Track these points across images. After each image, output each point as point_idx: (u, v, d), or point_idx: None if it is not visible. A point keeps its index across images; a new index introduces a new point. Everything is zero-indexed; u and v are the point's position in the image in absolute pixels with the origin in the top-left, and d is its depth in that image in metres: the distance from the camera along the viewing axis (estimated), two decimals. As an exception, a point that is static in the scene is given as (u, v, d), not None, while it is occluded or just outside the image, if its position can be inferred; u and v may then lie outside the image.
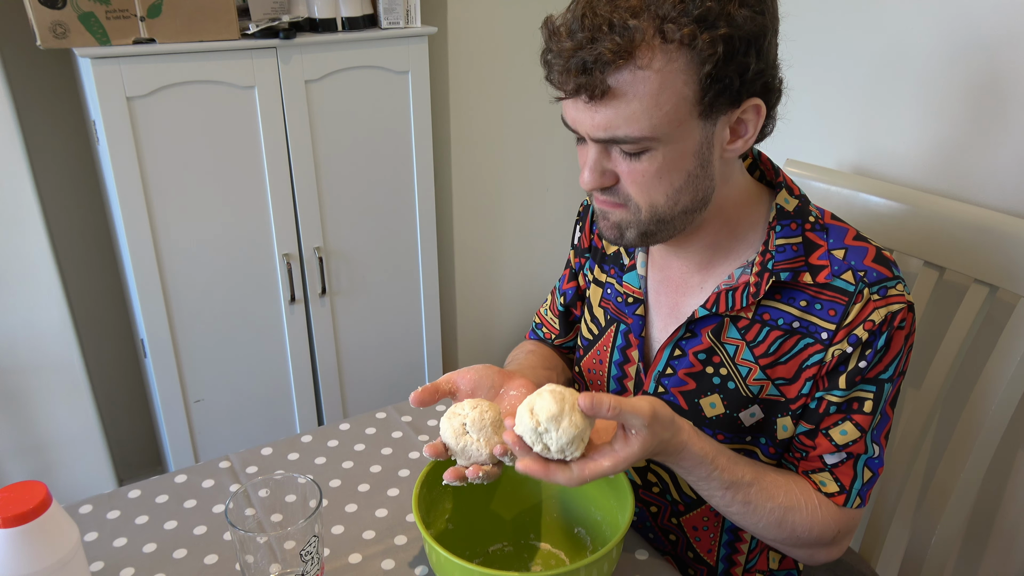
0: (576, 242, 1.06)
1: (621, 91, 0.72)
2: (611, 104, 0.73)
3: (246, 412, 1.79)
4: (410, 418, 1.16)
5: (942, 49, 1.23)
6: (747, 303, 0.83)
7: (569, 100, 0.76)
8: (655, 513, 0.98)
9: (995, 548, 1.27)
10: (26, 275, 1.56)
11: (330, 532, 0.93)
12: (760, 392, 0.85)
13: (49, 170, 1.78)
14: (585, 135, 0.77)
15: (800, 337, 0.83)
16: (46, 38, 1.37)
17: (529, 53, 2.03)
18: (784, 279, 0.82)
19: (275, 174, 1.63)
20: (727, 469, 0.79)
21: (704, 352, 0.87)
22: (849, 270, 0.81)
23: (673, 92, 0.72)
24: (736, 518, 0.83)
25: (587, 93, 0.73)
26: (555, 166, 2.20)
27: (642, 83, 0.71)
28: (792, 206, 0.85)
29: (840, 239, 0.83)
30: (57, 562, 0.67)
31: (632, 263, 0.95)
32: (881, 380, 0.82)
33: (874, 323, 0.79)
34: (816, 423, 0.83)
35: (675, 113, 0.73)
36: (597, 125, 0.75)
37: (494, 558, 0.92)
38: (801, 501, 0.83)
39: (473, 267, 2.20)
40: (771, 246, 0.83)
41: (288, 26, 1.54)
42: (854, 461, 0.83)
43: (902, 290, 0.81)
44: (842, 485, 0.83)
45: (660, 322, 0.92)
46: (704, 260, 0.88)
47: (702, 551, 0.96)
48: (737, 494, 0.80)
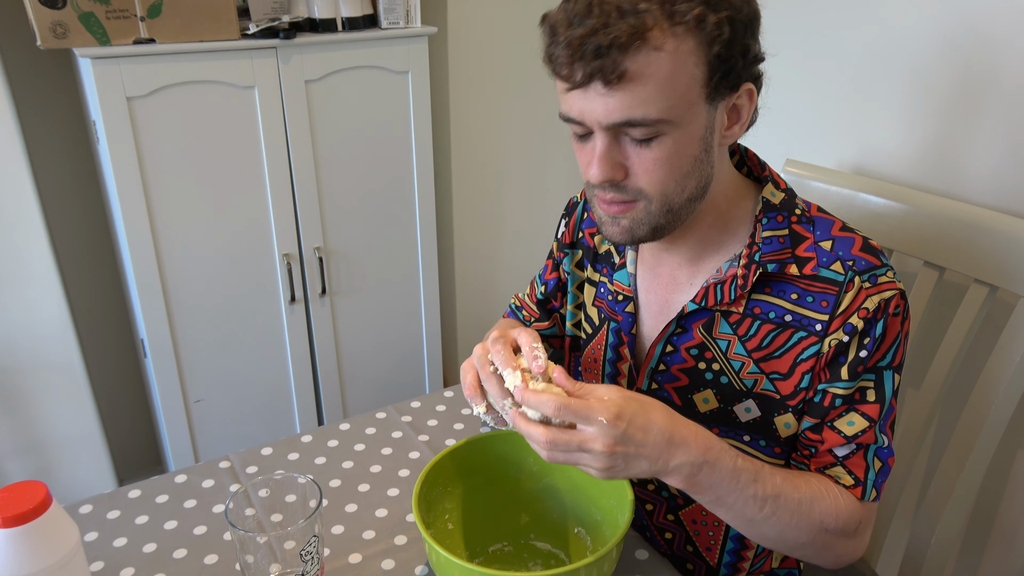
0: (559, 236, 1.05)
1: (637, 73, 0.72)
2: (627, 88, 0.72)
3: (246, 412, 1.79)
4: (410, 418, 1.16)
5: (942, 49, 1.23)
6: (736, 296, 0.83)
7: (577, 91, 0.75)
8: (651, 511, 0.98)
9: (995, 548, 1.27)
10: (26, 275, 1.56)
11: (330, 532, 0.93)
12: (754, 386, 0.85)
13: (49, 170, 1.78)
14: (595, 124, 0.76)
15: (794, 331, 0.83)
16: (46, 38, 1.37)
17: (529, 53, 2.03)
18: (771, 270, 0.82)
19: (275, 174, 1.63)
20: (751, 471, 0.76)
21: (696, 347, 0.87)
22: (837, 260, 0.82)
23: (685, 73, 0.73)
24: (763, 526, 0.78)
25: (602, 78, 0.72)
26: (555, 166, 2.21)
27: (656, 65, 0.72)
28: (778, 199, 0.86)
29: (827, 231, 0.84)
30: (57, 562, 0.67)
31: (622, 261, 0.95)
32: (880, 368, 0.81)
33: (868, 311, 0.79)
34: (821, 417, 0.83)
35: (687, 95, 0.74)
36: (612, 110, 0.73)
37: (494, 558, 0.92)
38: (822, 490, 0.81)
39: (473, 267, 2.20)
40: (758, 238, 0.84)
41: (288, 26, 1.54)
42: (864, 451, 0.82)
43: (892, 276, 0.81)
44: (857, 477, 0.82)
45: (651, 319, 0.92)
46: (694, 256, 0.88)
47: (701, 546, 0.96)
48: (766, 488, 0.76)
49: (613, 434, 0.69)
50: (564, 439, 0.70)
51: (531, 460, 0.93)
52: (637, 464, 0.71)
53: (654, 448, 0.71)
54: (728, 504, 0.76)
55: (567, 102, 0.78)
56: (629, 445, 0.70)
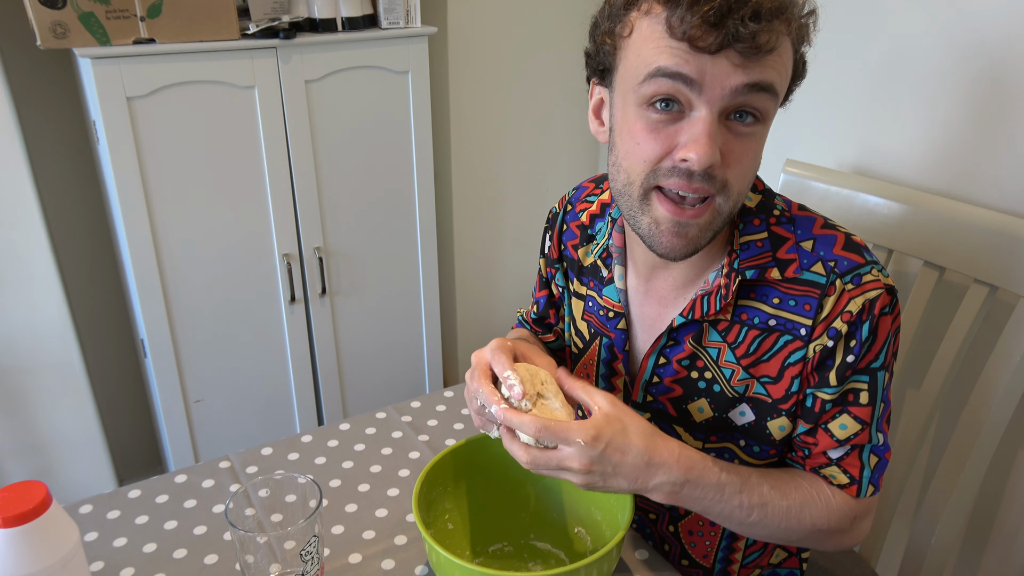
0: (547, 251, 1.03)
1: (779, 49, 0.70)
2: (763, 61, 0.69)
3: (246, 412, 1.79)
4: (410, 418, 1.16)
5: (942, 49, 1.23)
6: (721, 307, 0.81)
7: (702, 55, 0.67)
8: (654, 520, 0.98)
9: (995, 548, 1.27)
10: (26, 275, 1.56)
11: (330, 532, 0.93)
12: (746, 391, 0.84)
13: (49, 170, 1.78)
14: (716, 88, 0.68)
15: (779, 335, 0.81)
16: (46, 38, 1.37)
17: (529, 53, 2.03)
18: (750, 277, 0.80)
19: (275, 174, 1.63)
20: (736, 483, 0.77)
21: (687, 358, 0.85)
22: (819, 261, 0.79)
23: (789, 67, 0.73)
24: (755, 529, 0.80)
25: (752, 45, 0.67)
26: (555, 166, 2.21)
27: (784, 49, 0.71)
28: (755, 202, 0.83)
29: (808, 229, 0.81)
30: (57, 562, 0.67)
31: (610, 276, 0.92)
32: (874, 369, 0.80)
33: (852, 314, 0.77)
34: (814, 421, 0.83)
35: (784, 88, 0.74)
36: (752, 72, 0.68)
37: (494, 558, 0.92)
38: (813, 494, 0.81)
39: (473, 267, 2.20)
40: (736, 244, 0.81)
41: (288, 26, 1.54)
42: (859, 452, 0.82)
43: (878, 274, 0.79)
44: (852, 476, 0.82)
45: (643, 333, 0.90)
46: (695, 274, 0.85)
47: (697, 556, 0.96)
48: (752, 498, 0.78)
49: (590, 455, 0.71)
50: (544, 458, 0.72)
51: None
52: (615, 481, 0.74)
53: (632, 468, 0.73)
54: (715, 513, 0.79)
55: (678, 58, 0.68)
56: (606, 465, 0.72)
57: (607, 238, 0.93)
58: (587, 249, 0.96)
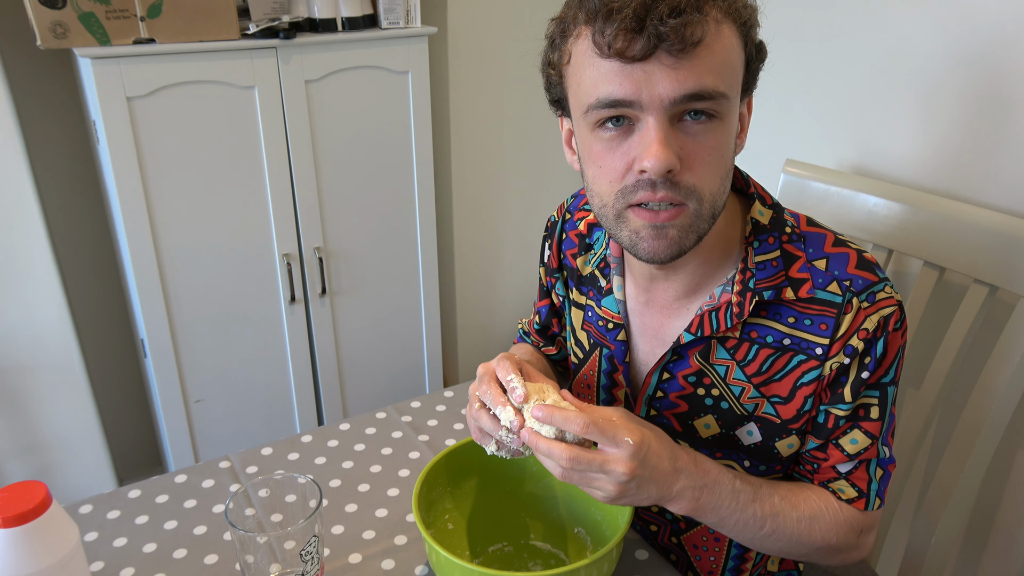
0: (546, 260, 1.02)
1: (708, 39, 0.68)
2: (698, 55, 0.67)
3: (246, 412, 1.79)
4: (410, 418, 1.16)
5: (942, 49, 1.23)
6: (732, 324, 0.80)
7: (631, 68, 0.68)
8: (655, 532, 0.97)
9: (995, 548, 1.27)
10: (26, 275, 1.56)
11: (330, 532, 0.93)
12: (755, 410, 0.83)
13: (49, 170, 1.78)
14: (655, 102, 0.68)
15: (793, 354, 0.80)
16: (46, 38, 1.37)
17: (529, 53, 2.03)
18: (767, 298, 0.79)
19: (275, 174, 1.63)
20: (749, 491, 0.78)
21: (694, 375, 0.84)
22: (834, 281, 0.79)
23: (735, 53, 0.71)
24: (767, 541, 0.80)
25: (678, 42, 0.66)
26: (555, 166, 2.21)
27: (717, 36, 0.69)
28: (767, 218, 0.82)
29: (820, 247, 0.81)
30: (57, 562, 0.67)
31: (609, 286, 0.91)
32: (884, 384, 0.81)
33: (868, 331, 0.78)
34: (826, 437, 0.82)
35: (735, 79, 0.72)
36: (683, 79, 0.67)
37: (494, 558, 0.92)
38: (822, 506, 0.82)
39: (473, 267, 2.20)
40: (750, 263, 0.81)
41: (288, 26, 1.54)
42: (867, 465, 0.82)
43: (890, 291, 0.79)
44: (860, 490, 0.83)
45: (645, 345, 0.89)
46: (695, 284, 0.84)
47: (703, 571, 0.95)
48: (764, 507, 0.78)
49: (639, 457, 0.69)
50: (587, 458, 0.68)
51: (531, 461, 0.93)
52: (647, 489, 0.71)
53: (664, 474, 0.72)
54: (731, 524, 0.78)
55: (612, 82, 0.69)
56: (647, 468, 0.70)
57: (604, 247, 0.93)
58: (585, 258, 0.96)
